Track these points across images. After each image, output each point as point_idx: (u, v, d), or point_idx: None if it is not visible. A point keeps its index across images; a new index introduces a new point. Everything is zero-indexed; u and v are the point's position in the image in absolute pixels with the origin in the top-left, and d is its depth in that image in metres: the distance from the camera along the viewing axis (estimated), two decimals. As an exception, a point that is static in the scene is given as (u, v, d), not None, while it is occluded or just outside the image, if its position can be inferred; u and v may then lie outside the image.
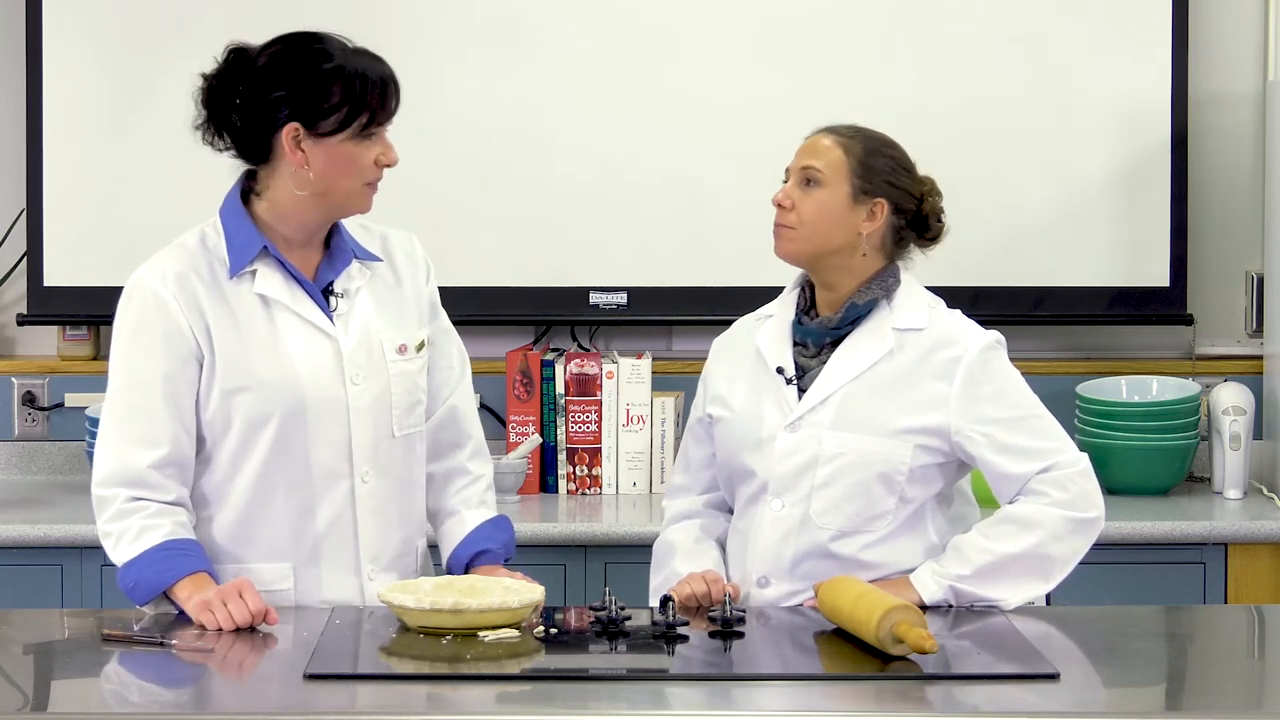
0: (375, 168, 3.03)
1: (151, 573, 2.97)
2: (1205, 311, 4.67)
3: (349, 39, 3.04)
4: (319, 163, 3.00)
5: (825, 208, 3.12)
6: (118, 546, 3.02)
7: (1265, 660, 3.01)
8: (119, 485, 3.02)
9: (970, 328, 3.17)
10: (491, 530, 3.21)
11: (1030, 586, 3.07)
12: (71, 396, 4.69)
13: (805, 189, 3.13)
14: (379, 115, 3.01)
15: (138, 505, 3.01)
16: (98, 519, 3.06)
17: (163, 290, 3.03)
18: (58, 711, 2.62)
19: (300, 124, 2.98)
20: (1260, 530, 4.16)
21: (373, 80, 3.00)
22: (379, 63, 3.03)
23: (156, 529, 2.99)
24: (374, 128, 3.01)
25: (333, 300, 3.10)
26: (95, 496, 3.06)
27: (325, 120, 2.98)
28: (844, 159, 3.13)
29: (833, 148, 3.14)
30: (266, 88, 2.99)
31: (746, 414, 3.18)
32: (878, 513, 3.11)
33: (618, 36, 4.60)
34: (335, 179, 3.01)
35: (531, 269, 4.62)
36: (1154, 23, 4.56)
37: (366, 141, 3.01)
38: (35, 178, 4.61)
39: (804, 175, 3.14)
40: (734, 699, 2.63)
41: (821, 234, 3.12)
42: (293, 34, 3.03)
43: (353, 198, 3.04)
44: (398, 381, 3.12)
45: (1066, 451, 3.11)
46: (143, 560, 2.98)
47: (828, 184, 3.12)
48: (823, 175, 3.12)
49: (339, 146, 3.00)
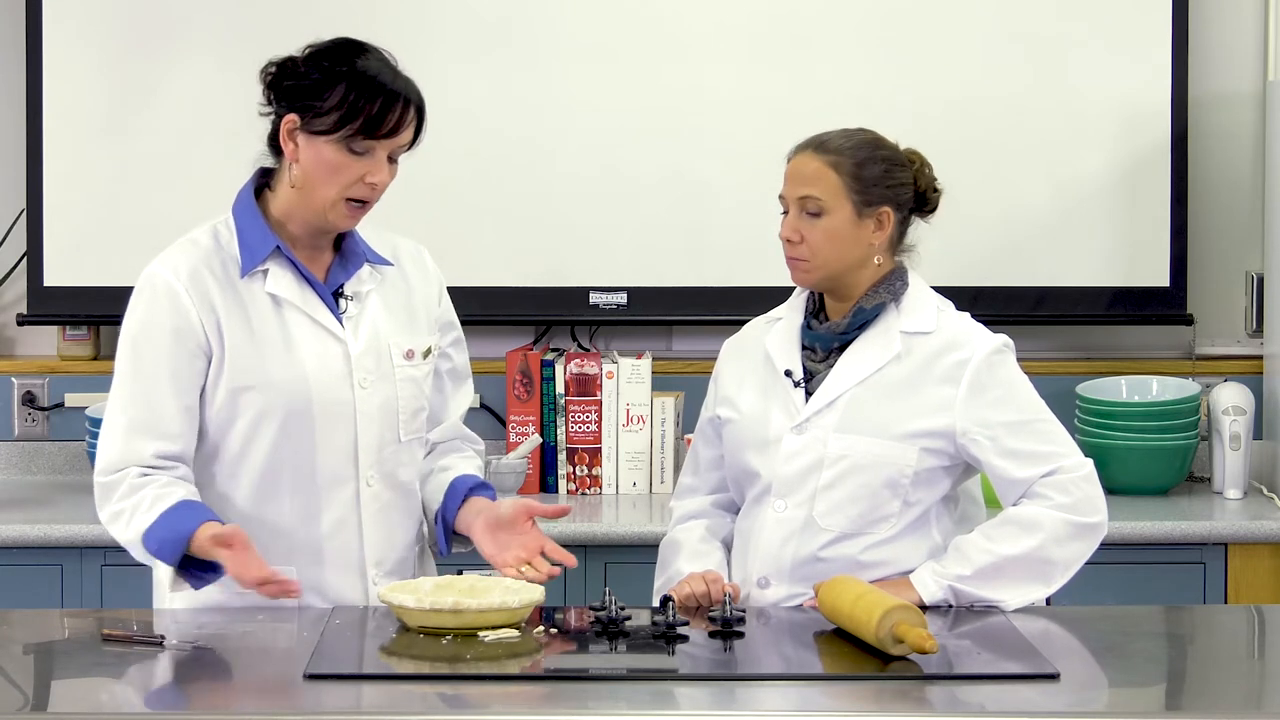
0: (362, 184, 2.98)
1: (171, 531, 2.93)
2: (1205, 311, 4.67)
3: (395, 59, 3.01)
4: (305, 160, 2.99)
5: (833, 234, 3.11)
6: (133, 518, 2.97)
7: (1265, 660, 3.01)
8: (126, 468, 3.00)
9: (978, 331, 3.17)
10: (487, 482, 3.20)
11: (1030, 589, 3.06)
12: (71, 396, 4.69)
13: (809, 219, 3.11)
14: (372, 127, 2.96)
15: (149, 479, 2.99)
16: (105, 505, 3.02)
17: (175, 284, 3.02)
18: (58, 711, 2.62)
19: (297, 115, 2.98)
20: (1260, 530, 4.16)
21: (377, 92, 2.96)
22: (398, 80, 2.99)
23: (171, 495, 2.97)
24: (366, 140, 2.97)
25: (342, 303, 3.10)
26: (100, 484, 3.03)
27: (320, 119, 2.97)
28: (837, 179, 3.10)
29: (823, 170, 3.11)
30: (285, 77, 2.99)
31: (754, 416, 3.18)
32: (882, 515, 3.11)
33: (618, 37, 4.60)
34: (315, 182, 2.99)
35: (531, 269, 4.62)
36: (1154, 23, 4.56)
37: (357, 154, 2.97)
38: (35, 178, 4.61)
39: (804, 206, 3.11)
40: (734, 699, 2.63)
41: (835, 258, 3.12)
42: (346, 39, 3.02)
43: (330, 208, 3.00)
44: (404, 386, 3.12)
45: (1071, 456, 3.11)
46: (162, 521, 2.94)
47: (829, 210, 3.10)
48: (822, 203, 3.10)
49: (325, 148, 2.97)
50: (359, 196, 3.00)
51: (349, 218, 3.03)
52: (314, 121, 2.97)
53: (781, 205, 3.15)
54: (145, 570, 3.22)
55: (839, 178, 3.10)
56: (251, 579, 2.85)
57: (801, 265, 3.13)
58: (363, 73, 2.96)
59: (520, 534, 3.06)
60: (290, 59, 3.01)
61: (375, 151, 2.99)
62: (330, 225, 3.04)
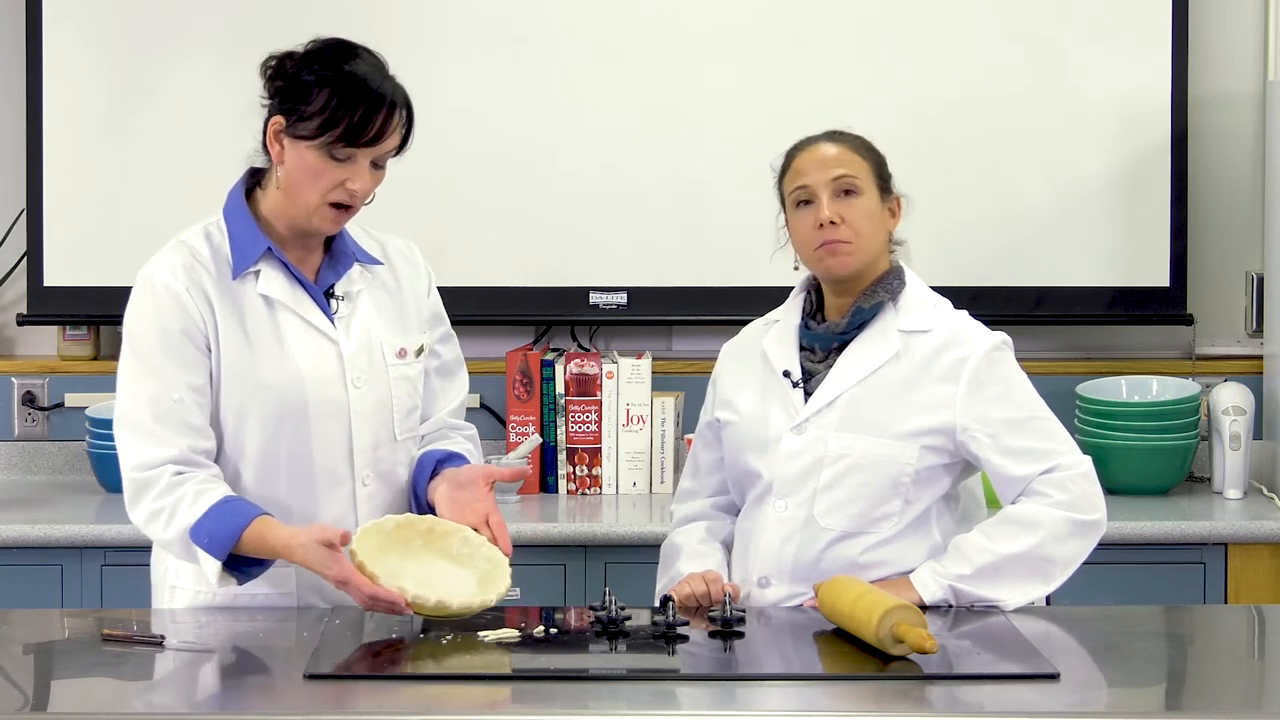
0: (343, 190, 2.98)
1: (222, 525, 2.94)
2: (1205, 311, 4.67)
3: (386, 61, 3.01)
4: (289, 163, 2.99)
5: (871, 215, 3.11)
6: (176, 514, 2.97)
7: (1265, 660, 3.01)
8: (163, 464, 2.99)
9: (976, 329, 3.17)
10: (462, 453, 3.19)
11: (1030, 588, 3.06)
12: (71, 396, 4.69)
13: (846, 200, 3.11)
14: (353, 134, 2.95)
15: (186, 476, 2.99)
16: (139, 502, 3.00)
17: (175, 284, 3.02)
18: (58, 711, 2.62)
19: (284, 118, 2.98)
20: (1260, 530, 4.16)
21: (359, 99, 2.94)
22: (385, 85, 2.97)
23: (214, 490, 2.98)
24: (347, 148, 2.96)
25: (334, 303, 3.10)
26: (133, 480, 3.01)
27: (303, 123, 2.96)
28: (864, 163, 3.13)
29: (849, 153, 3.13)
30: (279, 76, 2.99)
31: (753, 417, 3.18)
32: (882, 514, 3.11)
33: (618, 37, 4.60)
34: (297, 185, 2.99)
35: (531, 269, 4.62)
36: (1154, 23, 4.56)
37: (338, 160, 2.96)
38: (35, 178, 4.61)
39: (840, 186, 3.10)
40: (734, 699, 2.63)
41: (872, 241, 3.12)
42: (338, 40, 3.01)
43: (313, 213, 3.00)
44: (398, 385, 3.12)
45: (1070, 454, 3.11)
46: (211, 514, 2.95)
47: (864, 190, 3.11)
48: (859, 182, 3.11)
49: (307, 152, 2.97)
50: (340, 201, 3.00)
51: (333, 222, 3.03)
52: (298, 126, 2.96)
53: (800, 197, 3.12)
54: (145, 570, 3.22)
55: (864, 161, 3.13)
56: (364, 595, 2.86)
57: (844, 248, 3.10)
58: (349, 77, 2.95)
59: (475, 498, 3.05)
60: (288, 55, 3.00)
61: (357, 158, 2.98)
62: (314, 229, 3.04)
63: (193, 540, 2.96)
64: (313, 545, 2.89)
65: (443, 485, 3.08)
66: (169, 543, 3.00)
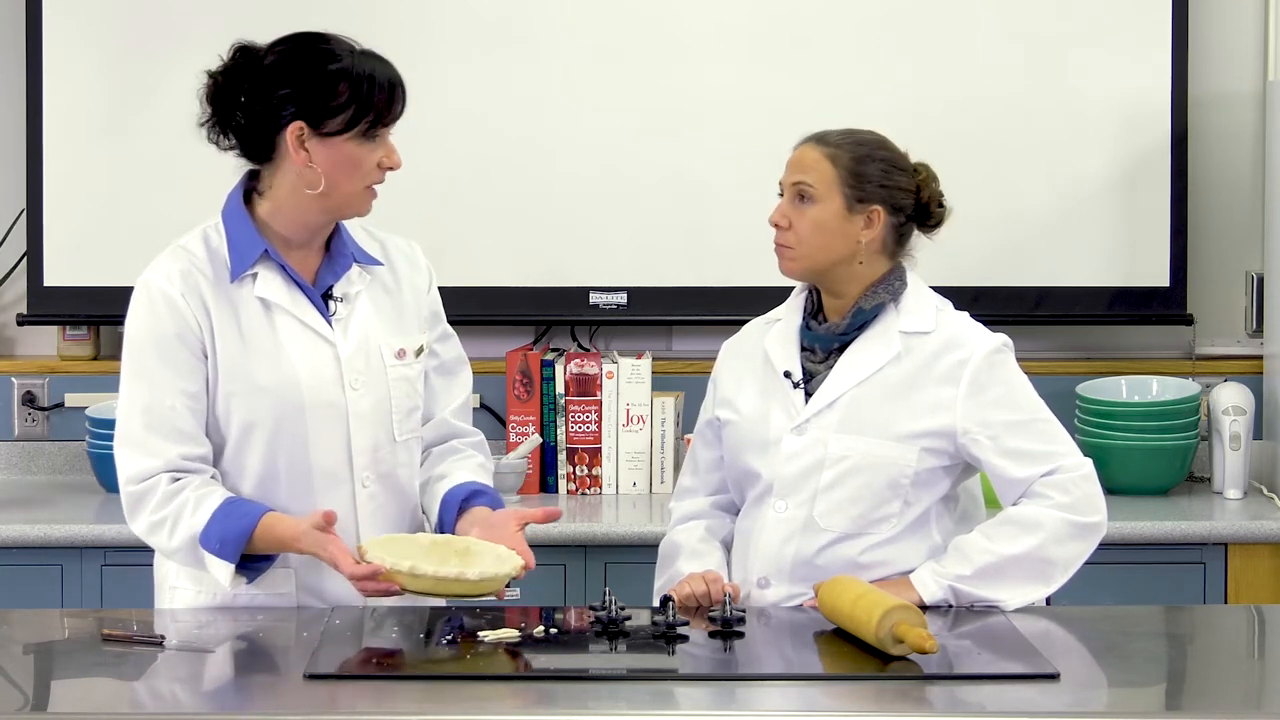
0: (378, 170, 3.03)
1: (230, 527, 2.95)
2: (1205, 311, 4.67)
3: (356, 41, 3.04)
4: (323, 162, 3.00)
5: (821, 224, 3.12)
6: (179, 523, 2.98)
7: (1265, 660, 3.01)
8: (155, 474, 3.00)
9: (977, 331, 3.17)
10: (484, 485, 3.19)
11: (1030, 589, 3.06)
12: (71, 396, 4.69)
13: (799, 206, 3.13)
14: (385, 117, 3.01)
15: (182, 484, 3.00)
16: (138, 514, 3.01)
17: (171, 290, 3.03)
18: (58, 711, 2.62)
19: (305, 123, 2.98)
20: (1260, 530, 4.16)
21: (380, 82, 2.99)
22: (386, 65, 3.03)
23: (213, 494, 2.99)
24: (379, 130, 3.01)
25: (332, 305, 3.10)
26: (130, 494, 3.02)
27: (331, 120, 2.98)
28: (833, 171, 3.12)
29: (820, 160, 3.13)
30: (272, 86, 2.98)
31: (754, 417, 3.18)
32: (882, 515, 3.11)
33: (618, 37, 4.60)
34: (338, 180, 3.01)
35: (531, 269, 4.62)
36: (1154, 23, 4.56)
37: (370, 143, 3.01)
38: (35, 178, 4.61)
39: (795, 191, 3.13)
40: (734, 699, 2.63)
41: (820, 250, 3.12)
42: (300, 34, 3.03)
43: (353, 199, 3.04)
44: (397, 387, 3.12)
45: (1071, 456, 3.11)
46: (217, 518, 2.96)
47: (820, 199, 3.12)
48: (814, 190, 3.12)
49: (342, 147, 2.99)
50: (379, 180, 3.05)
51: (369, 202, 3.06)
52: (325, 124, 2.98)
53: (779, 192, 3.17)
54: (145, 570, 3.22)
55: (834, 169, 3.12)
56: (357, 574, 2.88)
57: (787, 252, 3.14)
58: (355, 66, 2.99)
59: (506, 538, 3.04)
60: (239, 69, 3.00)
61: (385, 135, 3.03)
62: (353, 213, 3.07)
63: (203, 546, 2.97)
64: (311, 532, 2.92)
65: (475, 529, 3.07)
66: (174, 551, 3.01)
